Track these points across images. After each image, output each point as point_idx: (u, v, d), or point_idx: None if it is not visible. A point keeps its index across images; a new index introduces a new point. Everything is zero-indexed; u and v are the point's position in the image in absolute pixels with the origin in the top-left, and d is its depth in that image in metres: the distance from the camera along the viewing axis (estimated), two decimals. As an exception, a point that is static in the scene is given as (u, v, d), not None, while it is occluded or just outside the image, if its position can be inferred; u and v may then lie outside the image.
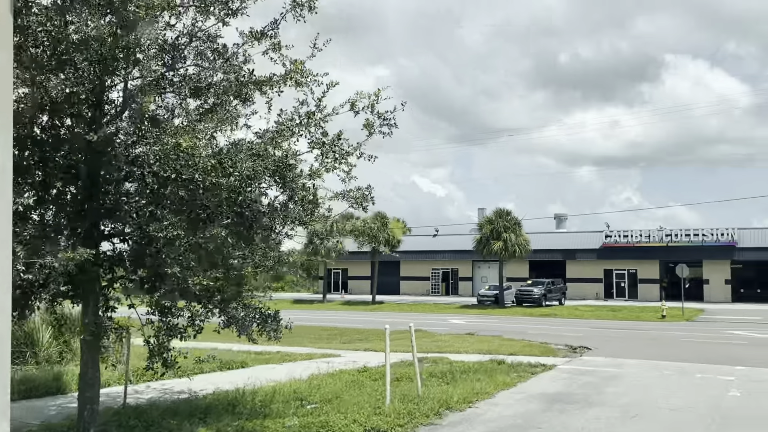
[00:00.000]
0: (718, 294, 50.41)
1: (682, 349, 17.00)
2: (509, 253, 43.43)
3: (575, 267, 54.90)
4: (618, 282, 53.58)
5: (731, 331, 25.29)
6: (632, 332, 24.43)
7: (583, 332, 23.90)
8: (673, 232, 50.56)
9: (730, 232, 48.59)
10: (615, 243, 52.39)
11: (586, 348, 16.80)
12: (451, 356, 15.01)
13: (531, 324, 29.77)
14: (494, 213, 44.82)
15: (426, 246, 61.43)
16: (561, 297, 47.24)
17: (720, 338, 21.63)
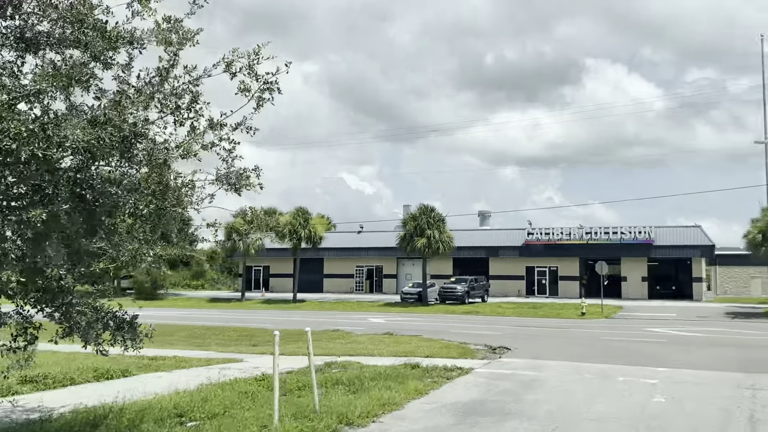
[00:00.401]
0: (635, 291, 51.47)
1: (602, 348, 16.47)
2: (433, 250, 42.84)
3: (498, 264, 54.99)
4: (539, 279, 53.97)
5: (649, 328, 25.27)
6: (552, 330, 24.01)
7: (504, 331, 23.30)
8: (593, 230, 51.26)
9: (647, 230, 49.62)
10: (537, 240, 52.69)
11: (506, 348, 16.03)
12: (364, 360, 13.91)
13: (453, 322, 29.08)
14: (418, 209, 44.14)
15: (350, 243, 60.33)
16: (484, 294, 47.08)
17: (639, 336, 21.41)
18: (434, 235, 42.45)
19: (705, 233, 49.39)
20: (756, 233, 36.76)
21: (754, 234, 36.93)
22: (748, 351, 16.42)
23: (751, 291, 67.70)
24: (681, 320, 32.59)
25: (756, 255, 37.86)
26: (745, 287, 68.23)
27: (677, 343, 18.71)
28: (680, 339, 20.29)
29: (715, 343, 19.06)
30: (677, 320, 32.69)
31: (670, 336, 21.45)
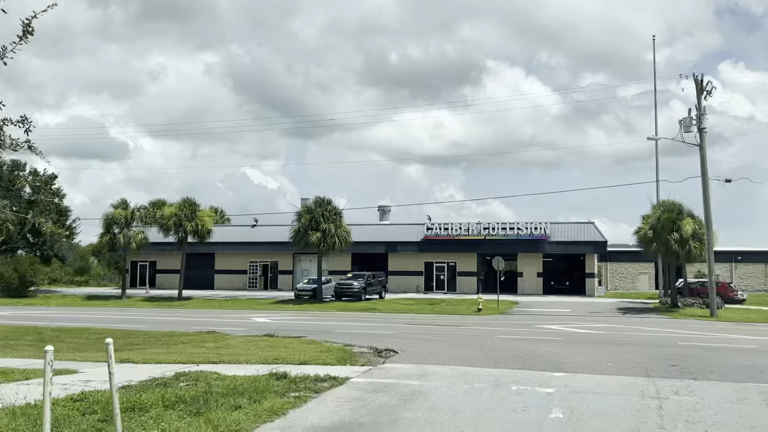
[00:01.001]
0: (531, 286, 51.69)
1: (496, 349, 15.15)
2: (328, 244, 41.01)
3: (397, 259, 53.90)
4: (438, 275, 53.30)
5: (544, 325, 24.51)
6: (446, 329, 22.74)
7: (397, 329, 21.79)
8: (491, 226, 51.04)
9: (542, 227, 49.87)
10: (436, 236, 51.96)
11: (393, 351, 14.42)
12: (225, 369, 11.90)
13: (345, 320, 27.37)
14: (314, 202, 42.17)
15: (244, 237, 57.58)
16: (382, 290, 45.76)
17: (534, 334, 20.46)
18: (330, 229, 40.63)
19: (598, 230, 50.22)
20: (647, 229, 37.20)
21: (645, 230, 37.37)
22: (644, 349, 15.59)
23: (639, 287, 70.09)
24: (575, 316, 32.32)
25: (647, 251, 38.41)
26: (633, 283, 70.55)
27: (573, 341, 17.75)
28: (576, 337, 19.44)
29: (611, 341, 18.27)
30: (571, 316, 32.41)
31: (565, 334, 20.61)
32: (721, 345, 17.20)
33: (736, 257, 67.97)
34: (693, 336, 20.31)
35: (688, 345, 16.95)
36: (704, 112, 33.53)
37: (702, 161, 33.84)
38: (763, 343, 18.01)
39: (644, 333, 21.61)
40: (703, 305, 37.60)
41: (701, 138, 33.74)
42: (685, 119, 33.80)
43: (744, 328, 25.69)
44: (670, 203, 37.81)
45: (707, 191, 33.72)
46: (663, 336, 20.25)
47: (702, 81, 33.60)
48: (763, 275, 68.16)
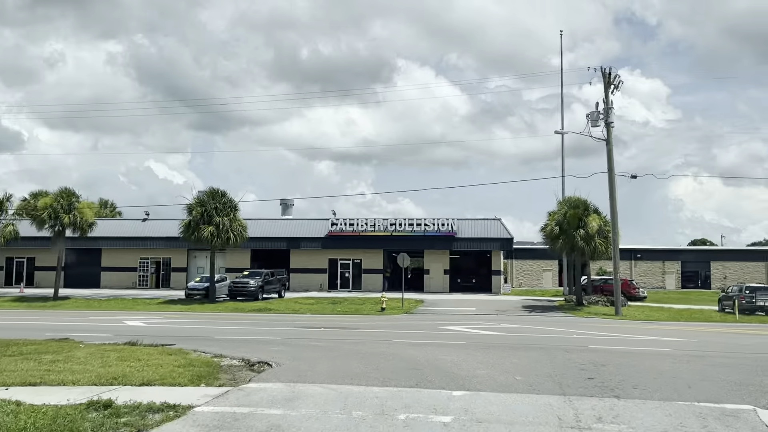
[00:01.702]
0: (438, 284, 50.40)
1: (392, 357, 13.09)
2: (222, 239, 37.98)
3: (300, 256, 51.33)
4: (343, 272, 51.14)
5: (448, 326, 22.78)
6: (342, 332, 20.56)
7: (285, 334, 19.41)
8: (398, 222, 49.33)
9: (449, 223, 48.62)
10: (341, 231, 49.75)
11: (267, 364, 12.07)
12: (39, 393, 9.22)
13: (233, 323, 24.71)
14: (207, 193, 38.97)
15: (134, 232, 53.36)
16: (281, 289, 43.14)
17: (436, 337, 18.61)
18: (224, 222, 37.62)
19: (504, 226, 49.47)
20: (553, 225, 36.40)
21: (552, 226, 36.57)
22: (554, 355, 13.93)
23: (543, 284, 70.52)
24: (481, 315, 30.95)
25: (553, 247, 37.65)
26: (537, 280, 70.91)
27: (478, 346, 15.95)
28: (481, 340, 17.70)
29: (518, 344, 16.61)
30: (477, 315, 31.02)
31: (469, 337, 18.87)
32: (635, 349, 15.85)
33: (636, 255, 69.50)
34: (603, 338, 19.03)
35: (600, 349, 15.48)
36: (612, 106, 32.92)
37: (609, 156, 33.23)
38: (676, 346, 16.85)
39: (552, 335, 20.20)
40: (608, 303, 37.22)
41: (608, 133, 33.13)
42: (592, 113, 33.08)
43: (651, 327, 24.90)
44: (575, 199, 37.20)
45: (613, 187, 33.14)
46: (572, 338, 18.85)
47: (610, 74, 32.97)
48: (660, 273, 70.04)
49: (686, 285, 69.58)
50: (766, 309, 33.97)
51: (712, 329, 24.23)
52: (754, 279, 67.23)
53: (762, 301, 33.57)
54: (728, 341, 18.89)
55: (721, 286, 68.36)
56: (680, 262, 70.56)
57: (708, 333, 22.05)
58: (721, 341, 18.78)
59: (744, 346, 17.42)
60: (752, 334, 22.01)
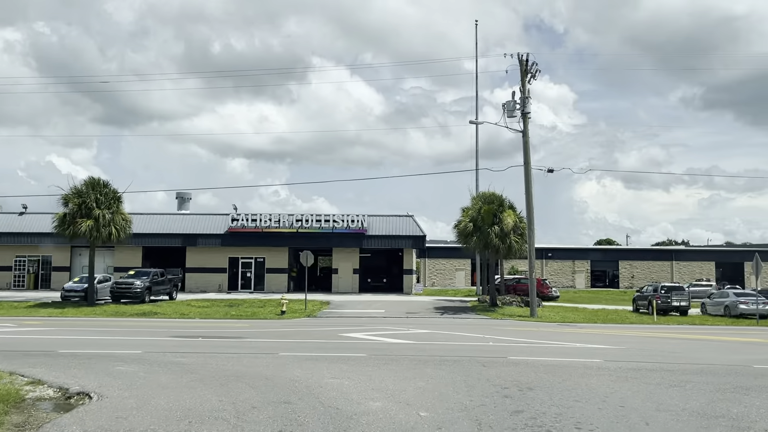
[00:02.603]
0: (347, 284, 47.65)
1: (263, 382, 10.22)
2: (103, 235, 33.77)
3: (197, 254, 47.37)
4: (245, 272, 47.56)
5: (351, 332, 20.00)
6: (222, 342, 17.40)
7: (152, 346, 16.08)
8: (304, 218, 46.23)
9: (359, 219, 45.95)
10: (242, 228, 46.17)
11: (87, 396, 8.89)
12: None
13: (100, 331, 20.98)
14: (85, 183, 34.59)
15: (9, 227, 47.84)
16: (173, 290, 39.16)
17: (332, 347, 15.79)
18: (104, 216, 33.42)
19: (417, 223, 47.23)
20: (467, 222, 34.35)
21: (465, 223, 34.52)
22: (469, 372, 11.41)
23: (456, 283, 69.12)
24: (389, 318, 28.43)
25: (467, 245, 35.57)
26: (450, 280, 69.48)
27: (378, 360, 13.23)
28: (385, 352, 15.00)
29: (428, 357, 14.01)
30: (385, 319, 28.45)
31: (371, 346, 16.14)
32: (562, 360, 13.55)
33: (547, 254, 69.21)
34: (523, 346, 16.73)
35: (522, 362, 13.07)
36: (529, 96, 31.11)
37: (525, 148, 31.40)
38: (606, 355, 14.70)
39: (466, 342, 17.78)
40: (522, 303, 35.53)
41: (525, 123, 31.30)
42: (508, 103, 31.16)
43: (570, 331, 23.01)
44: (490, 195, 35.31)
45: (530, 180, 31.35)
46: (489, 347, 16.45)
47: (527, 62, 31.15)
48: (570, 272, 70.00)
49: (595, 284, 69.88)
50: (681, 309, 33.08)
51: (634, 332, 22.57)
52: (660, 278, 68.20)
53: (677, 301, 32.66)
54: (657, 348, 17.01)
55: (629, 285, 69.02)
56: (590, 261, 70.85)
57: (632, 338, 20.26)
58: (651, 348, 16.87)
59: (676, 354, 15.51)
60: (677, 338, 20.41)
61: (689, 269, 69.36)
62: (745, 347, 17.62)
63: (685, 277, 68.06)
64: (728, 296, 33.73)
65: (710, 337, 20.81)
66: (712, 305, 34.67)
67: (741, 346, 17.70)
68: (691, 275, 68.33)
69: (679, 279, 67.83)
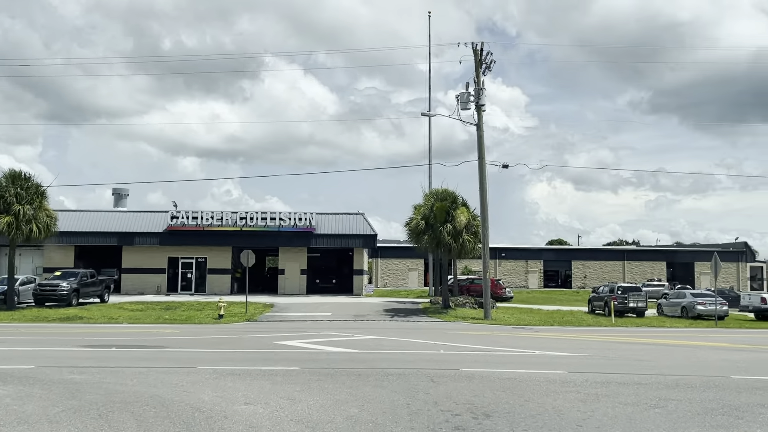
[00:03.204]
0: (294, 285, 45.53)
1: (161, 408, 8.31)
2: (24, 232, 30.99)
3: (135, 254, 44.57)
4: (185, 273, 44.97)
5: (288, 340, 18.05)
6: (137, 353, 15.26)
7: (56, 357, 13.87)
8: (249, 216, 43.91)
9: (307, 217, 43.89)
10: (183, 226, 43.61)
11: None
12: None
13: (3, 340, 18.52)
14: (5, 176, 31.71)
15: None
16: (105, 292, 36.46)
17: (264, 358, 13.88)
18: (25, 212, 30.64)
19: (368, 221, 45.42)
20: (419, 219, 32.70)
21: (417, 220, 32.87)
22: (415, 390, 9.70)
23: (409, 284, 67.62)
24: (335, 322, 26.57)
25: (418, 243, 33.91)
26: (403, 280, 67.94)
27: (312, 375, 11.39)
28: (322, 363, 13.17)
29: (369, 369, 12.25)
30: (331, 323, 26.58)
31: (308, 357, 14.27)
32: (522, 373, 11.92)
33: (500, 254, 68.28)
34: (477, 354, 15.06)
35: (477, 375, 11.39)
36: (483, 87, 29.62)
37: (479, 142, 29.91)
38: (569, 365, 13.16)
39: (415, 350, 16.05)
40: (476, 305, 34.09)
41: (479, 116, 29.80)
42: (462, 94, 29.61)
43: (527, 336, 21.52)
44: (443, 191, 33.76)
45: (484, 176, 29.86)
46: (439, 357, 14.75)
47: (482, 52, 29.65)
48: (524, 272, 69.22)
49: (548, 284, 69.27)
50: (637, 310, 32.08)
51: (594, 336, 21.22)
52: (612, 278, 67.96)
53: (634, 302, 31.62)
54: (622, 355, 15.57)
55: (581, 285, 68.60)
56: (543, 261, 70.22)
57: (593, 343, 18.85)
58: (615, 355, 15.42)
59: (644, 363, 14.08)
60: (639, 344, 19.08)
61: (641, 269, 69.33)
62: (715, 354, 16.34)
63: (637, 277, 68.00)
64: (685, 297, 32.93)
65: (674, 341, 19.57)
66: (669, 306, 33.84)
67: (709, 353, 16.41)
68: (643, 275, 68.30)
69: (631, 279, 67.72)
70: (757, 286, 71.53)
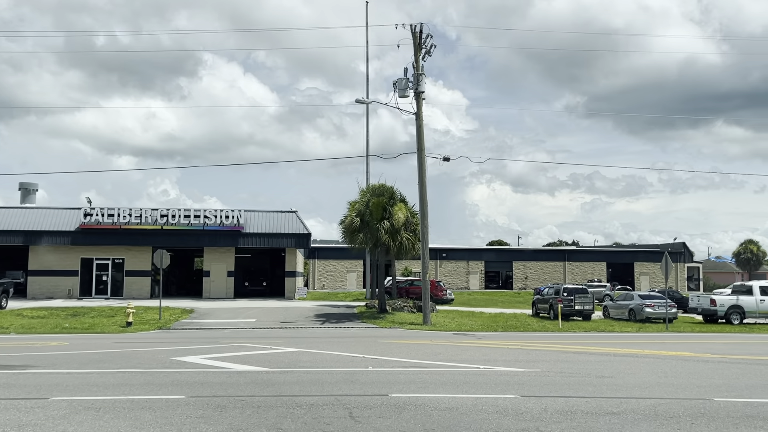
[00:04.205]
0: (220, 288, 42.32)
1: None
2: None
3: (43, 255, 40.52)
4: (100, 275, 41.23)
5: (191, 355, 15.25)
6: (-9, 377, 12.22)
7: None
8: (170, 213, 40.52)
9: (235, 215, 40.81)
10: (97, 224, 39.94)
11: None
12: None
13: None
14: None
15: None
16: (2, 297, 32.60)
17: (144, 384, 11.12)
18: None
19: (301, 220, 42.63)
20: (354, 216, 30.20)
21: (352, 217, 30.38)
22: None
23: (347, 286, 65.05)
24: (257, 330, 23.83)
25: (353, 243, 31.37)
26: (341, 282, 65.35)
27: (196, 408, 8.81)
28: (213, 389, 10.55)
29: (271, 399, 9.77)
30: (253, 330, 23.83)
31: (202, 378, 11.56)
32: (464, 399, 9.58)
33: (441, 254, 66.52)
34: (413, 372, 12.61)
35: (411, 405, 8.96)
36: (422, 72, 27.34)
37: (418, 132, 27.61)
38: (520, 386, 10.91)
39: (338, 367, 13.55)
40: (414, 309, 31.79)
41: (418, 104, 27.50)
42: (400, 80, 27.25)
43: (470, 344, 19.25)
44: (380, 186, 31.41)
45: (423, 169, 27.58)
46: (367, 376, 12.24)
47: (421, 34, 27.36)
48: (465, 273, 67.61)
49: (489, 285, 67.85)
50: (584, 313, 30.37)
51: (543, 345, 19.13)
52: (553, 279, 67.00)
53: (581, 304, 29.88)
54: (580, 370, 13.41)
55: (522, 286, 67.42)
56: (484, 262, 68.77)
57: (544, 354, 16.70)
58: (572, 371, 13.24)
59: (608, 381, 11.93)
60: (596, 354, 17.05)
61: (581, 270, 68.64)
62: (681, 367, 14.38)
63: (578, 278, 67.25)
64: (633, 299, 31.43)
65: (631, 351, 17.63)
66: (616, 308, 32.32)
67: (676, 366, 14.44)
68: (584, 276, 67.62)
69: (571, 279, 66.91)
70: (694, 287, 71.93)
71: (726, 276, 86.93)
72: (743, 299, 29.34)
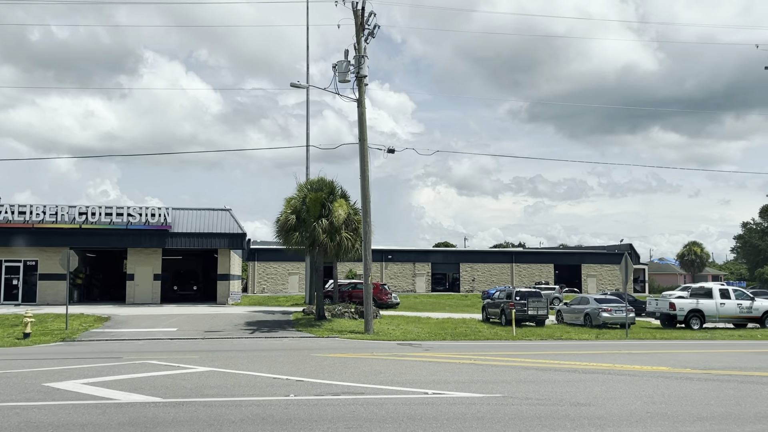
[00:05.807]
0: (145, 293, 38.86)
1: None
2: None
3: (-57, 257, 36.36)
4: (10, 279, 37.32)
5: (72, 379, 12.30)
6: None
7: None
8: (90, 210, 36.91)
9: (162, 213, 37.45)
10: (7, 222, 36.10)
11: None
12: None
13: None
14: None
15: None
16: None
17: None
18: None
19: (235, 218, 39.55)
20: (290, 213, 27.47)
21: (287, 215, 27.62)
22: None
23: (289, 289, 62.10)
24: (176, 341, 20.89)
25: (288, 243, 28.55)
26: (283, 285, 62.35)
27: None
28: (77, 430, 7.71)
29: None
30: (171, 341, 20.87)
31: (65, 419, 8.76)
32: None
33: (387, 256, 64.26)
34: (345, 401, 10.03)
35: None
36: (365, 55, 24.85)
37: (360, 121, 25.10)
38: (481, 420, 8.51)
39: (253, 395, 10.90)
40: (356, 315, 29.27)
41: (360, 90, 25.00)
42: (340, 63, 24.67)
43: (415, 358, 16.79)
44: (319, 181, 28.77)
45: (365, 161, 25.07)
46: (286, 409, 9.59)
47: (363, 12, 24.86)
48: (411, 275, 65.48)
49: (436, 288, 65.87)
50: (537, 318, 28.35)
51: (498, 358, 16.82)
52: (500, 281, 65.52)
53: (534, 309, 27.85)
54: (549, 394, 11.10)
55: (469, 288, 65.66)
56: (430, 264, 66.75)
57: (501, 371, 14.37)
58: (539, 395, 10.91)
59: (586, 410, 9.65)
60: (561, 370, 14.82)
61: (529, 272, 67.35)
62: (666, 387, 12.23)
63: (525, 280, 65.93)
64: (588, 303, 29.60)
65: (602, 365, 15.48)
66: (570, 313, 30.48)
67: (660, 386, 12.28)
68: (531, 278, 66.35)
69: (519, 281, 65.53)
70: (640, 288, 71.61)
71: (669, 277, 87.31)
72: (703, 303, 27.84)
